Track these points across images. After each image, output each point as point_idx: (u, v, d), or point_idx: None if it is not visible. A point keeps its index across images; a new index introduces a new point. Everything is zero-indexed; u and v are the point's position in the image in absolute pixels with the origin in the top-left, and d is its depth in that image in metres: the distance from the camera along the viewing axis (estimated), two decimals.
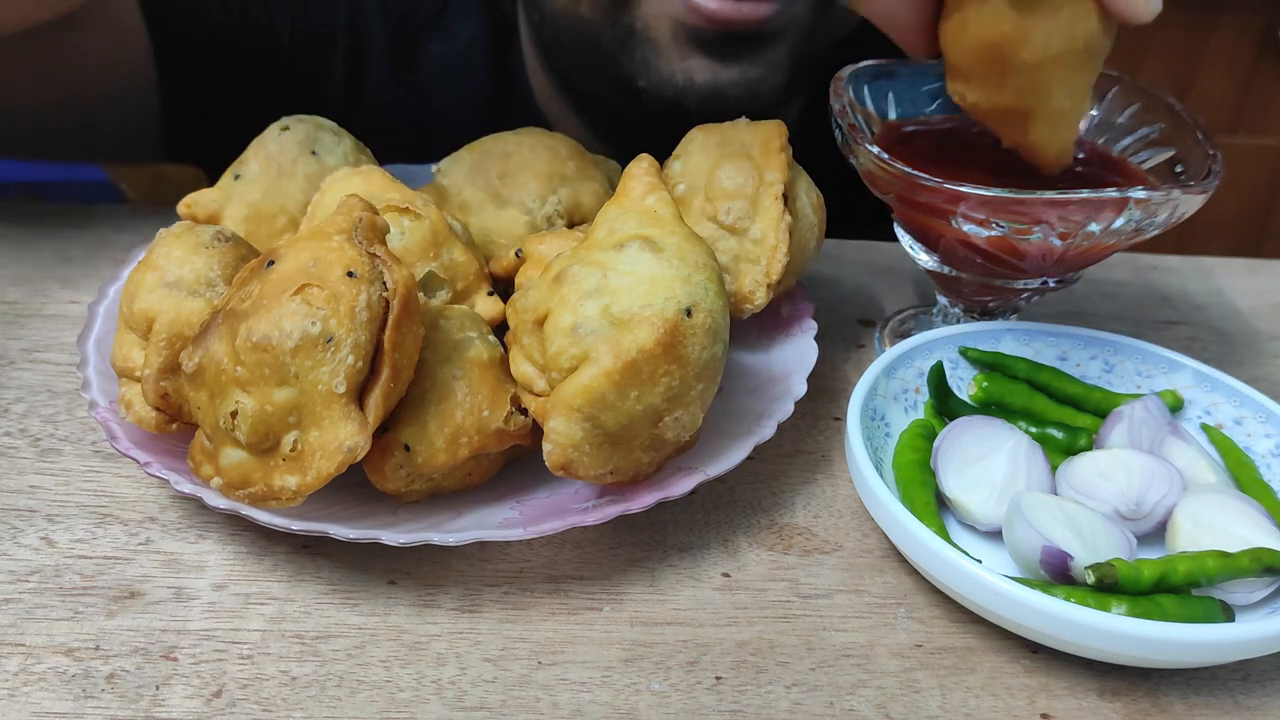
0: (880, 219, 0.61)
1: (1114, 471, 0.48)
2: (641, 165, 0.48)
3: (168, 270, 0.47)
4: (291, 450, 0.41)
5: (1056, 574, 0.44)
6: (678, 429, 0.44)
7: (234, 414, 0.41)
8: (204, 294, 0.47)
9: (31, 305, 0.62)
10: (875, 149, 0.52)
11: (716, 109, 0.62)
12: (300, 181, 0.56)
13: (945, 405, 0.53)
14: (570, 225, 0.57)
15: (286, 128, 0.57)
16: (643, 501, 0.45)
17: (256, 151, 0.57)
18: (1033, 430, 0.53)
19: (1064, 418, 0.54)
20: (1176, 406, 0.54)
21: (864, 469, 0.46)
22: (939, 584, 0.45)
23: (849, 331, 0.65)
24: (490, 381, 0.45)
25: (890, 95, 0.61)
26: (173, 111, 0.75)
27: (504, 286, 0.53)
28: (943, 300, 0.61)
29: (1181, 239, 0.79)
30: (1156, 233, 0.51)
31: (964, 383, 0.56)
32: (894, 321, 0.65)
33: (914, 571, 0.47)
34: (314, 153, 0.57)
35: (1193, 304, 0.70)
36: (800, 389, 0.51)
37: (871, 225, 0.71)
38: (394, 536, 0.43)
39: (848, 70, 0.59)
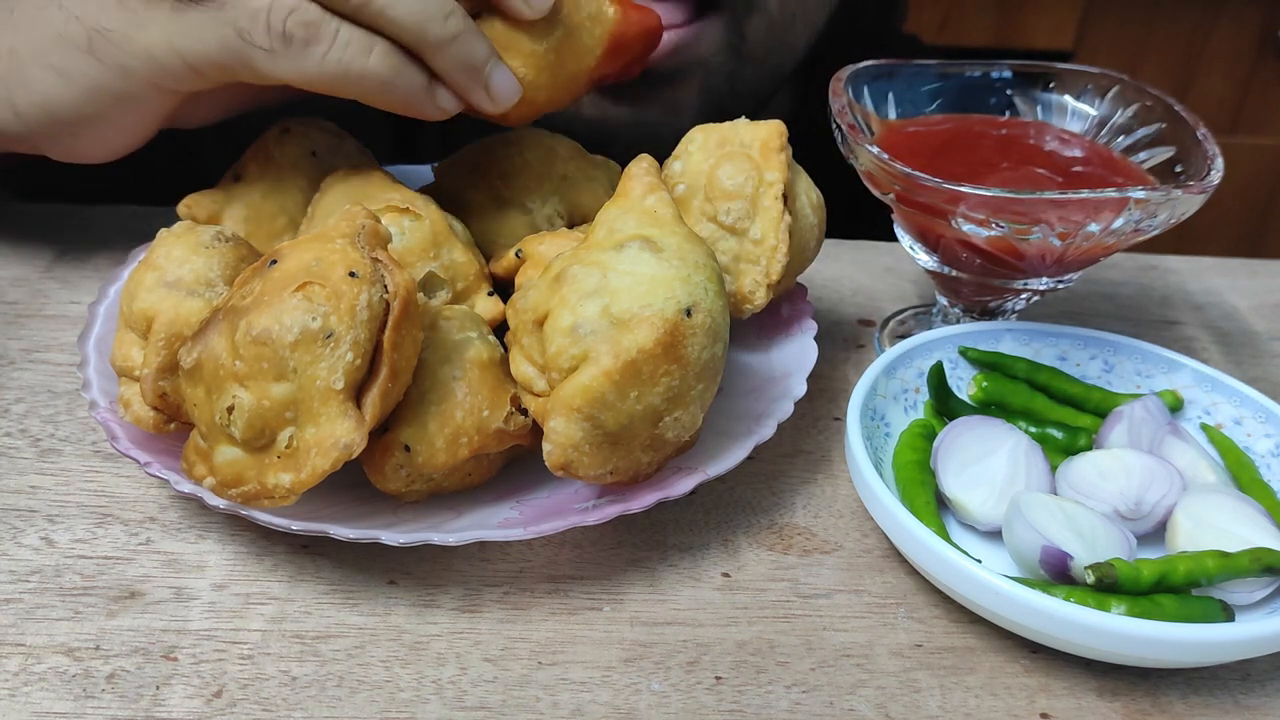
0: (880, 219, 0.61)
1: (1114, 471, 0.48)
2: (641, 165, 0.48)
3: (168, 270, 0.47)
4: (287, 447, 0.41)
5: (1056, 574, 0.44)
6: (678, 429, 0.44)
7: (230, 409, 0.41)
8: (203, 294, 0.47)
9: (31, 305, 0.62)
10: (875, 149, 0.52)
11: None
12: (300, 182, 0.56)
13: (945, 405, 0.53)
14: (570, 225, 0.57)
15: (287, 129, 0.57)
16: (643, 501, 0.45)
17: (257, 153, 0.57)
18: (1032, 430, 0.53)
19: (1064, 418, 0.54)
20: (1176, 406, 0.54)
21: (864, 469, 0.46)
22: (939, 584, 0.45)
23: (849, 331, 0.65)
24: (490, 382, 0.45)
25: (890, 95, 0.61)
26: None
27: (504, 287, 0.53)
28: (942, 300, 0.61)
29: (1181, 239, 0.79)
30: (1156, 233, 0.51)
31: (964, 383, 0.56)
32: (894, 321, 0.65)
33: (914, 571, 0.47)
34: (314, 154, 0.57)
35: (1192, 304, 0.70)
36: (800, 389, 0.51)
37: (871, 225, 0.71)
38: (394, 536, 0.43)
39: (847, 70, 0.59)
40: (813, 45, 0.74)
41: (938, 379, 0.53)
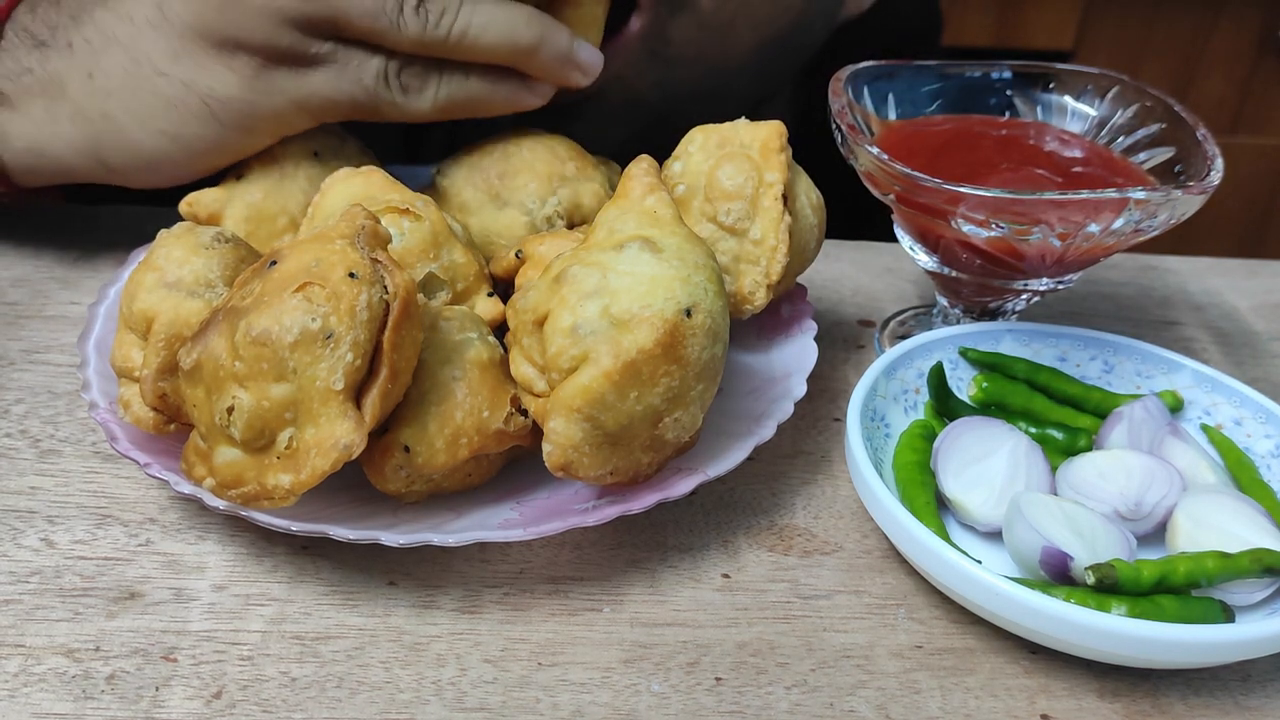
0: (880, 219, 0.61)
1: (1114, 472, 0.48)
2: (641, 166, 0.48)
3: (168, 271, 0.47)
4: (286, 448, 0.41)
5: (1056, 574, 0.44)
6: (678, 429, 0.44)
7: (230, 409, 0.41)
8: (203, 295, 0.47)
9: (32, 306, 0.62)
10: (875, 149, 0.52)
11: None
12: (301, 182, 0.56)
13: (945, 406, 0.53)
14: (570, 226, 0.57)
15: None
16: (643, 502, 0.45)
17: (258, 153, 0.57)
18: (1032, 431, 0.53)
19: (1064, 418, 0.54)
20: (1176, 407, 0.54)
21: (864, 469, 0.46)
22: (939, 584, 0.45)
23: (849, 332, 0.65)
24: (490, 382, 0.45)
25: (890, 95, 0.61)
26: None
27: (504, 287, 0.53)
28: (942, 301, 0.61)
29: (1181, 239, 0.79)
30: (1156, 233, 0.51)
31: (964, 383, 0.56)
32: (894, 322, 0.65)
33: (914, 572, 0.47)
34: (315, 154, 0.57)
35: (1192, 304, 0.70)
36: (800, 390, 0.51)
37: (871, 225, 0.71)
38: (394, 537, 0.43)
39: (847, 70, 0.59)
40: (765, 43, 0.68)
41: (938, 379, 0.53)
